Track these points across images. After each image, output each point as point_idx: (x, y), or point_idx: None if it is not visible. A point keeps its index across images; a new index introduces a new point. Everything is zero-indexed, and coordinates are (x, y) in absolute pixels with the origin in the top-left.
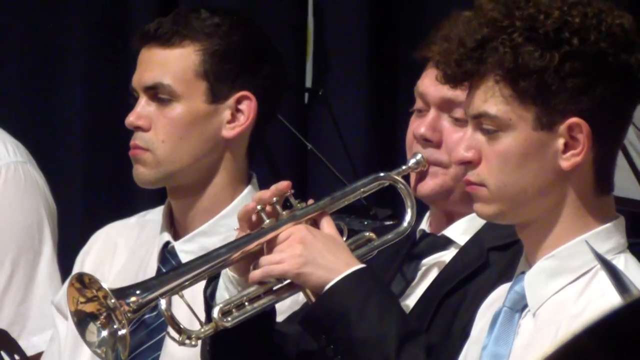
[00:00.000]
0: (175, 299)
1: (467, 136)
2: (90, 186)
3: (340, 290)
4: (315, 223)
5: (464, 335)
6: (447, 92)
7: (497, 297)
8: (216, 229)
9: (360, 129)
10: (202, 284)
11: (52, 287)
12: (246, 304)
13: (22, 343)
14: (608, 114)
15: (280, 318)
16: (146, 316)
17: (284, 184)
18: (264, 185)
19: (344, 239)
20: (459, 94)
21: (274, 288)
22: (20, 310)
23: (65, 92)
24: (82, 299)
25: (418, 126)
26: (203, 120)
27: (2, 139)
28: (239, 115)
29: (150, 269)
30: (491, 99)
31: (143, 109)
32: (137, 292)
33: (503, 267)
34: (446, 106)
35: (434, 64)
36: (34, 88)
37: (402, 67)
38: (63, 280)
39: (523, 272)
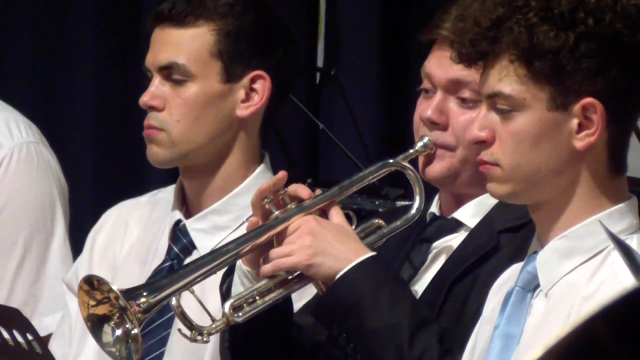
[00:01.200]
0: (186, 293)
1: (481, 116)
2: (101, 165)
3: (351, 279)
4: (324, 213)
5: (476, 320)
6: (453, 73)
7: (509, 277)
8: (228, 208)
9: (371, 108)
10: (212, 277)
11: (65, 268)
12: (257, 298)
13: (34, 324)
14: (623, 95)
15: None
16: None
17: (280, 175)
18: (275, 164)
19: (353, 227)
20: (465, 75)
21: (285, 280)
22: (32, 291)
23: (76, 71)
24: (92, 302)
25: (425, 109)
26: (218, 100)
27: (14, 118)
28: (253, 95)
29: (161, 247)
30: (506, 79)
31: (157, 89)
32: (147, 292)
33: (514, 250)
34: (453, 88)
35: (449, 44)
36: (45, 66)
37: (414, 46)
38: (75, 259)
39: (535, 252)
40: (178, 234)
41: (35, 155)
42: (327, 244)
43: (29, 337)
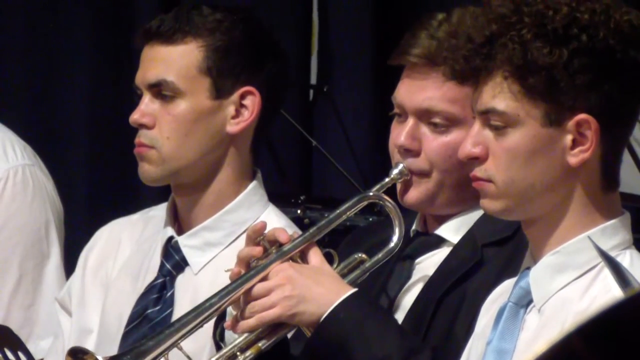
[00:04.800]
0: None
1: (475, 132)
2: (95, 184)
3: (336, 319)
4: (304, 254)
5: (467, 337)
6: (423, 102)
7: (502, 292)
8: (220, 224)
9: (364, 125)
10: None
11: (60, 290)
12: (238, 354)
13: (30, 347)
14: (616, 111)
15: None
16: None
17: (259, 225)
18: (268, 181)
19: (335, 265)
20: (434, 104)
21: (266, 331)
22: (29, 314)
23: (70, 89)
24: None
25: (397, 136)
26: (207, 116)
27: (10, 140)
28: (243, 111)
29: (153, 264)
30: (500, 95)
31: (147, 107)
32: (132, 358)
33: (501, 264)
34: (424, 115)
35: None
36: (38, 85)
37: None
38: (69, 277)
39: (528, 268)
40: (170, 250)
41: (31, 178)
42: (307, 290)
43: (21, 356)
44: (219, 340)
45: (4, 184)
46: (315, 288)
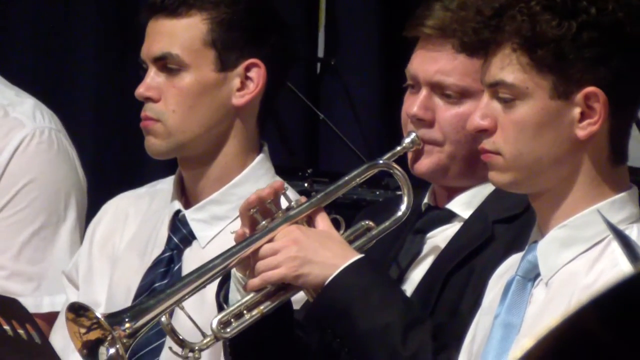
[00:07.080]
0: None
1: (483, 104)
2: (101, 158)
3: (340, 284)
4: (311, 220)
5: (473, 313)
6: (434, 75)
7: (509, 267)
8: (227, 198)
9: (372, 98)
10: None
11: (71, 255)
12: (244, 312)
13: (35, 300)
14: (625, 84)
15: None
16: None
17: (278, 183)
18: (275, 155)
19: (342, 231)
20: (446, 78)
21: (273, 291)
22: (36, 270)
23: (76, 66)
24: (82, 330)
25: (410, 106)
26: (213, 88)
27: (40, 107)
28: (248, 83)
29: (161, 238)
30: (508, 67)
31: (152, 80)
32: (131, 316)
33: (510, 241)
34: (436, 87)
35: (432, 41)
36: (45, 62)
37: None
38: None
39: (536, 241)
40: (177, 224)
41: (56, 141)
42: (313, 252)
43: (28, 326)
44: (222, 301)
45: (29, 140)
46: (322, 251)
